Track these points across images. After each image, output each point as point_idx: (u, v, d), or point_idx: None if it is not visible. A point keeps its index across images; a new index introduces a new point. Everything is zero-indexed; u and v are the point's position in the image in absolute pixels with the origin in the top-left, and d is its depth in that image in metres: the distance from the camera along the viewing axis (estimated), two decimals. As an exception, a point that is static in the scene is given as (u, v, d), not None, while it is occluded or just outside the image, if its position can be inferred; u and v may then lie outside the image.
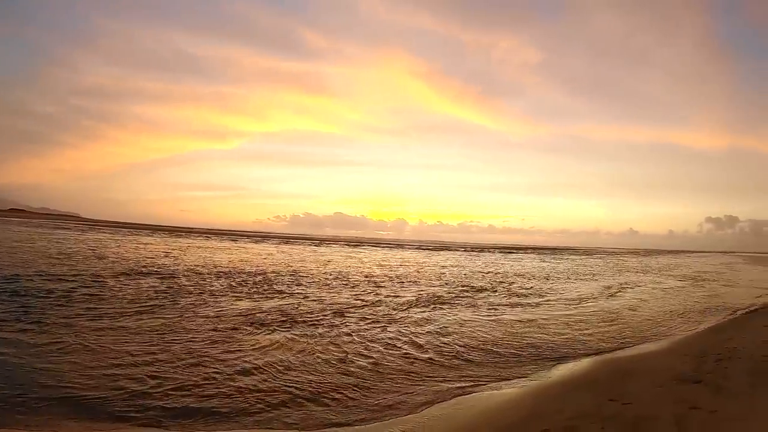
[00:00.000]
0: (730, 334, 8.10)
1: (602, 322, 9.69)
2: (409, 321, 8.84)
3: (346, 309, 9.69)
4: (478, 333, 8.03)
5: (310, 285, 13.56)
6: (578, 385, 5.08)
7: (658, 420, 3.65)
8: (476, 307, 11.03)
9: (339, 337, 7.20)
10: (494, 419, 4.03)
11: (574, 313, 10.85)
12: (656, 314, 11.14)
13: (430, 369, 5.83)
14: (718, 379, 4.92)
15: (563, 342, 7.68)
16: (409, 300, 11.57)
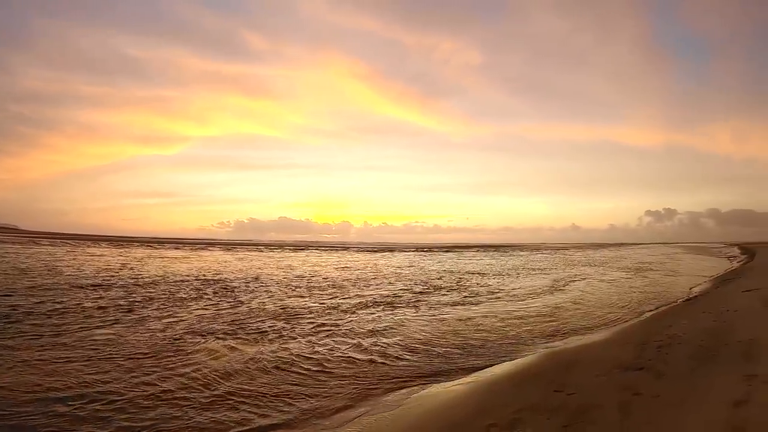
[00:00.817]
0: (671, 321, 8.55)
1: (549, 316, 10.40)
2: (362, 323, 9.32)
3: (299, 313, 10.29)
4: (430, 332, 8.52)
5: (264, 291, 14.24)
6: (524, 379, 5.42)
7: (602, 408, 3.94)
8: (430, 305, 11.79)
9: (288, 341, 7.60)
10: (442, 417, 4.28)
11: (523, 307, 11.68)
12: (601, 305, 12.04)
13: (378, 370, 6.15)
14: (659, 365, 5.34)
15: (512, 337, 8.21)
16: (364, 302, 12.27)
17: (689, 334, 7.00)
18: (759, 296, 9.81)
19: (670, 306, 11.71)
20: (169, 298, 11.96)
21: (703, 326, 7.50)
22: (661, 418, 3.70)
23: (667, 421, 3.63)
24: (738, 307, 8.82)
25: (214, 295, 12.90)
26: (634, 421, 3.67)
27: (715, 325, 7.39)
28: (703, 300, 11.71)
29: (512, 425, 3.84)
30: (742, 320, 7.38)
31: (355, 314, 10.42)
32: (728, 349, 5.70)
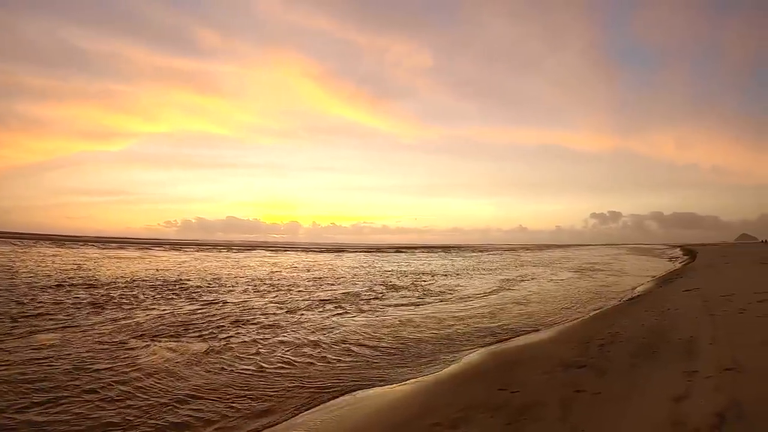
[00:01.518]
0: (614, 320, 9.03)
1: (497, 315, 11.12)
2: (314, 324, 9.74)
3: (253, 314, 10.74)
4: (380, 332, 8.97)
5: (221, 291, 14.88)
6: (469, 378, 5.73)
7: (545, 405, 4.20)
8: (386, 306, 12.47)
9: (236, 343, 7.92)
10: (386, 417, 4.50)
11: (473, 306, 12.52)
12: (547, 304, 12.94)
13: (325, 370, 6.44)
14: (601, 362, 5.70)
15: (459, 335, 8.75)
16: (320, 302, 12.98)
17: (631, 332, 7.45)
18: (699, 295, 10.61)
19: (613, 305, 12.50)
20: (124, 300, 12.39)
21: (645, 324, 8.00)
22: (602, 414, 3.92)
23: (608, 417, 3.84)
24: (679, 306, 9.48)
25: (170, 296, 13.40)
26: (575, 418, 3.87)
27: (657, 324, 7.88)
28: (646, 299, 12.54)
29: (456, 424, 4.03)
30: (683, 318, 7.92)
31: (308, 315, 10.90)
32: (669, 347, 6.12)
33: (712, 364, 4.85)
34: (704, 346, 5.72)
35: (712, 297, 9.94)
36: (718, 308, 8.27)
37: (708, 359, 5.09)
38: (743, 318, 7.04)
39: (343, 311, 11.59)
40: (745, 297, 9.09)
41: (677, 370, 4.89)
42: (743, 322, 6.77)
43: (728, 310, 7.85)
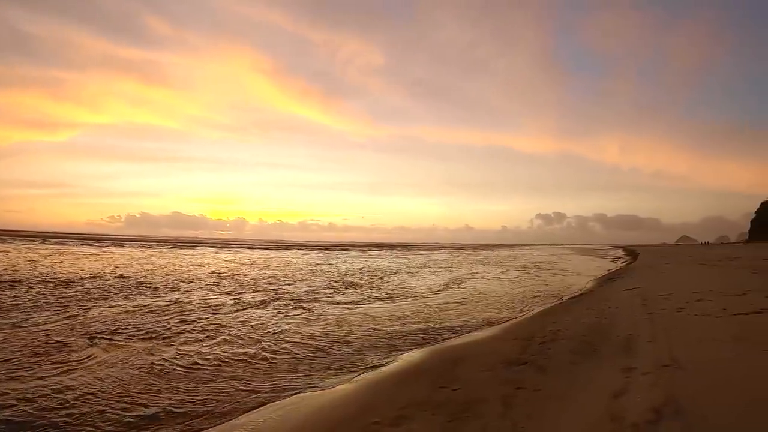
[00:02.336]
0: (555, 318, 9.53)
1: (443, 312, 11.77)
2: (257, 322, 10.03)
3: (196, 312, 11.02)
4: (325, 330, 9.34)
5: (176, 289, 15.30)
6: (410, 376, 6.00)
7: (485, 402, 4.48)
8: (330, 303, 13.09)
9: (181, 341, 8.11)
10: (327, 416, 4.71)
11: (420, 303, 13.28)
12: (492, 302, 13.72)
13: (268, 370, 6.63)
14: (542, 359, 6.06)
15: (404, 333, 9.16)
16: (262, 300, 13.39)
17: (572, 330, 7.92)
18: (639, 294, 11.44)
19: (556, 303, 13.29)
20: (75, 297, 12.67)
21: (586, 322, 8.52)
22: (541, 410, 4.20)
23: (547, 413, 4.12)
24: (619, 305, 10.18)
25: (124, 294, 13.76)
26: (515, 414, 4.12)
27: (597, 322, 8.41)
28: (587, 298, 13.35)
29: (396, 422, 4.25)
30: (623, 317, 8.51)
31: (256, 313, 11.26)
32: (609, 344, 6.57)
33: (650, 360, 5.27)
34: (643, 344, 6.19)
35: (652, 296, 10.75)
36: (657, 307, 8.95)
37: (646, 356, 5.52)
38: (681, 316, 7.67)
39: (291, 309, 11.93)
40: (683, 296, 9.91)
41: (616, 367, 5.27)
42: (681, 320, 7.38)
43: (667, 309, 8.52)
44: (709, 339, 5.93)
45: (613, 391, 4.39)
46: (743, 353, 5.09)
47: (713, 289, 10.53)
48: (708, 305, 8.40)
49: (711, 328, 6.52)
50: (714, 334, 6.18)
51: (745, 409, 3.56)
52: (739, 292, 9.59)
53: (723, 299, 8.90)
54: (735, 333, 6.03)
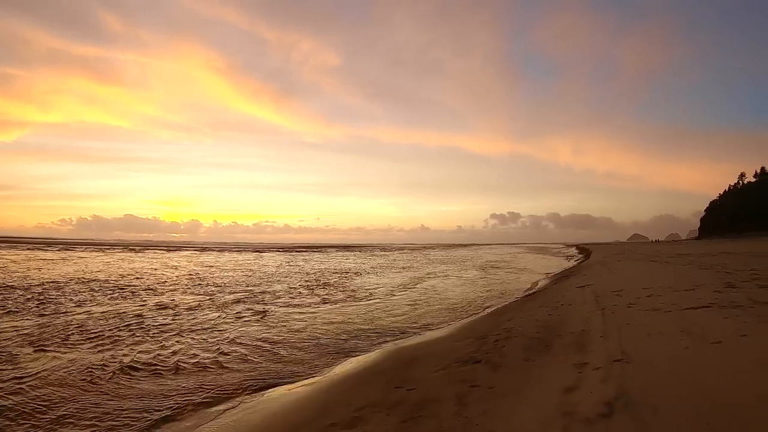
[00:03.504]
0: (510, 316, 9.79)
1: (402, 311, 12.40)
2: (215, 326, 10.34)
3: (155, 317, 11.20)
4: (283, 331, 9.71)
5: (134, 292, 15.74)
6: (367, 377, 6.23)
7: (440, 401, 4.64)
8: (288, 304, 13.59)
9: (134, 347, 8.22)
10: (284, 419, 4.88)
11: (379, 304, 13.94)
12: (449, 301, 14.48)
13: (221, 376, 6.74)
14: (496, 357, 6.27)
15: (362, 333, 9.63)
16: (223, 303, 13.81)
17: (526, 328, 8.14)
18: (591, 291, 11.88)
19: (510, 301, 13.80)
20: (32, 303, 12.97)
21: (540, 319, 8.79)
22: (495, 407, 4.33)
23: (501, 410, 4.23)
24: (572, 302, 10.52)
25: (84, 299, 14.01)
26: (470, 412, 4.27)
27: (550, 319, 8.68)
28: (541, 295, 13.80)
29: (352, 423, 4.40)
30: (576, 313, 8.80)
31: (211, 316, 11.59)
32: (561, 341, 6.78)
33: (602, 356, 5.46)
34: (595, 339, 6.41)
35: (604, 293, 11.18)
36: (608, 303, 9.30)
37: (598, 351, 5.71)
38: (632, 312, 7.99)
39: (253, 312, 12.27)
40: (634, 292, 10.34)
41: (568, 362, 5.46)
42: (632, 315, 7.68)
43: (618, 305, 8.87)
44: (658, 333, 6.20)
45: (565, 387, 4.53)
46: (691, 346, 5.35)
47: (663, 285, 11.04)
48: (658, 300, 8.79)
49: (660, 323, 6.82)
50: (663, 328, 6.46)
51: (692, 400, 3.74)
52: (688, 288, 10.09)
53: (672, 295, 9.34)
54: (684, 327, 6.32)
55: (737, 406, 3.51)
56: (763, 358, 4.58)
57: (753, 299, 7.79)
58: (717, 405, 3.59)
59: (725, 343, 5.31)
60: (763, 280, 10.38)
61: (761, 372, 4.19)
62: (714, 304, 7.74)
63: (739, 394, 3.73)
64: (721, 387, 3.94)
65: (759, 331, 5.66)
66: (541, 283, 18.98)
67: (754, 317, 6.40)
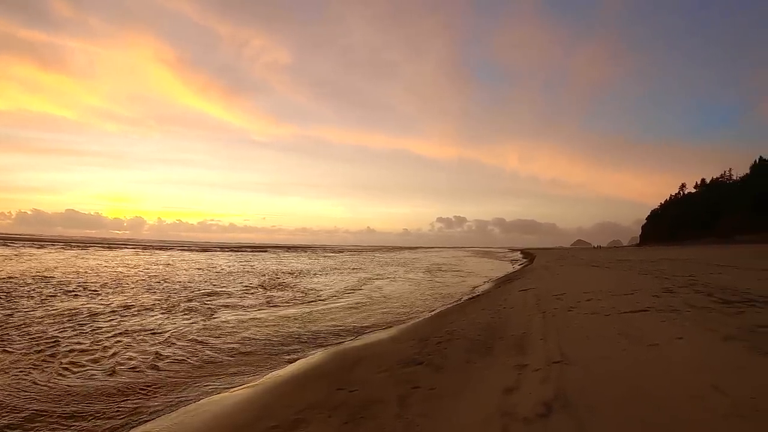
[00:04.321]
0: (453, 318, 9.92)
1: (348, 312, 12.57)
2: (161, 325, 10.30)
3: (93, 318, 10.95)
4: (228, 334, 9.63)
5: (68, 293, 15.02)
6: (309, 379, 6.28)
7: (382, 402, 4.75)
8: (239, 307, 13.38)
9: (67, 351, 7.95)
10: (226, 423, 4.86)
11: (325, 305, 14.04)
12: (394, 303, 14.67)
13: (161, 380, 6.61)
14: (438, 359, 6.37)
15: (307, 334, 9.68)
16: (173, 301, 13.82)
17: (468, 330, 8.27)
18: (534, 295, 12.20)
19: (454, 304, 13.97)
20: None
21: (482, 322, 8.95)
22: (436, 408, 4.43)
23: (441, 411, 4.33)
24: (514, 305, 10.78)
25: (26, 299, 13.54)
26: (411, 413, 4.37)
27: (492, 321, 8.85)
28: (485, 298, 14.08)
29: (294, 425, 4.45)
30: (517, 316, 9.01)
31: (152, 317, 11.34)
32: (502, 342, 6.92)
33: (542, 357, 5.61)
34: (535, 342, 6.57)
35: (545, 296, 11.50)
36: (549, 306, 9.57)
37: (538, 353, 5.87)
38: (572, 315, 8.24)
39: (197, 313, 12.16)
40: (574, 296, 10.69)
41: (509, 364, 5.59)
42: (572, 318, 7.93)
43: (559, 308, 9.14)
44: (597, 336, 6.41)
45: (505, 387, 4.64)
46: (628, 348, 5.55)
47: (603, 290, 11.47)
48: (597, 304, 9.11)
49: (599, 326, 7.06)
50: (602, 331, 6.69)
51: (628, 400, 3.87)
52: (627, 292, 10.51)
53: (612, 299, 9.71)
54: (622, 330, 6.56)
55: (672, 406, 3.67)
56: (697, 360, 4.82)
57: (689, 304, 8.19)
58: (652, 405, 3.73)
59: (662, 345, 5.55)
60: (700, 286, 10.95)
61: (695, 373, 4.40)
62: (652, 308, 8.08)
63: (673, 394, 3.90)
64: (656, 387, 4.11)
65: (694, 333, 5.95)
66: (485, 287, 19.38)
67: (690, 321, 6.74)
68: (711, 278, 12.80)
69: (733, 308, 7.42)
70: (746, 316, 6.76)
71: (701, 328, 6.24)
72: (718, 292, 9.61)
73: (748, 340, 5.35)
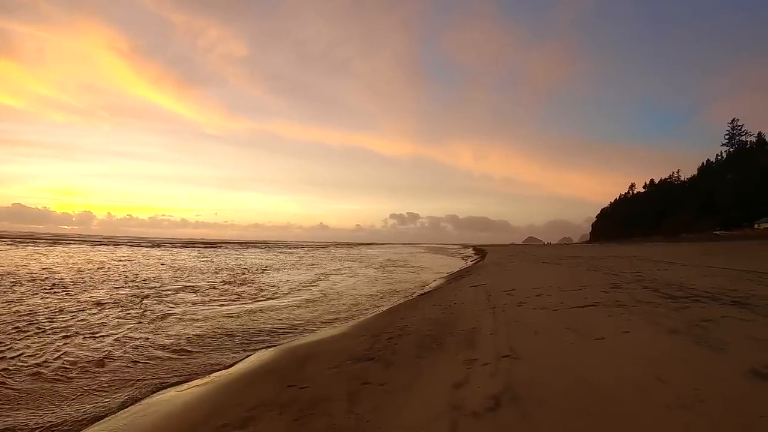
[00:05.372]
0: (404, 314, 9.99)
1: (302, 309, 12.67)
2: (111, 323, 10.13)
3: (45, 317, 10.61)
4: (182, 331, 9.56)
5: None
6: (260, 376, 6.28)
7: (332, 399, 4.81)
8: (191, 304, 13.21)
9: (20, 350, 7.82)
10: (176, 422, 4.85)
11: (279, 302, 14.01)
12: (349, 298, 14.90)
13: (110, 379, 6.55)
14: (389, 355, 6.44)
15: (260, 331, 9.67)
16: (126, 298, 13.51)
17: (419, 325, 8.37)
18: (484, 290, 12.48)
19: (406, 299, 14.11)
20: None
21: (433, 318, 9.06)
22: (386, 404, 4.49)
23: (391, 406, 4.39)
24: (465, 301, 10.98)
25: None
26: (361, 409, 4.42)
27: (443, 317, 8.98)
28: (436, 294, 14.26)
29: (245, 423, 4.47)
30: (468, 312, 9.18)
31: (100, 315, 11.07)
32: (453, 338, 7.04)
33: (491, 352, 5.75)
34: (485, 337, 6.73)
35: (496, 292, 11.77)
36: (499, 302, 9.80)
37: (487, 348, 6.01)
38: (521, 310, 8.46)
39: (149, 310, 11.95)
40: (524, 292, 10.97)
41: (459, 359, 5.70)
42: (521, 313, 8.15)
43: (509, 304, 9.37)
44: (545, 330, 6.62)
45: (455, 382, 4.74)
46: (576, 342, 5.76)
47: (553, 285, 11.83)
48: (546, 300, 9.39)
49: (548, 321, 7.29)
50: (550, 325, 6.91)
51: (575, 392, 4.02)
52: (576, 288, 10.88)
53: (561, 294, 10.03)
54: (569, 325, 6.79)
55: (617, 397, 3.84)
56: (642, 353, 5.07)
57: (636, 299, 8.57)
58: (599, 396, 3.89)
59: (608, 339, 5.78)
60: (647, 282, 11.47)
61: (640, 365, 4.63)
62: (599, 303, 8.40)
63: (619, 386, 4.10)
64: (602, 380, 4.30)
65: (640, 327, 6.23)
66: (437, 283, 19.61)
67: (636, 315, 7.05)
68: (658, 275, 13.43)
69: (679, 303, 7.82)
70: (691, 310, 7.13)
71: (647, 322, 6.54)
72: (664, 287, 10.09)
73: (692, 333, 5.65)
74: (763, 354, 4.65)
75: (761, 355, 4.63)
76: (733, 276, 11.92)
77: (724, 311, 6.93)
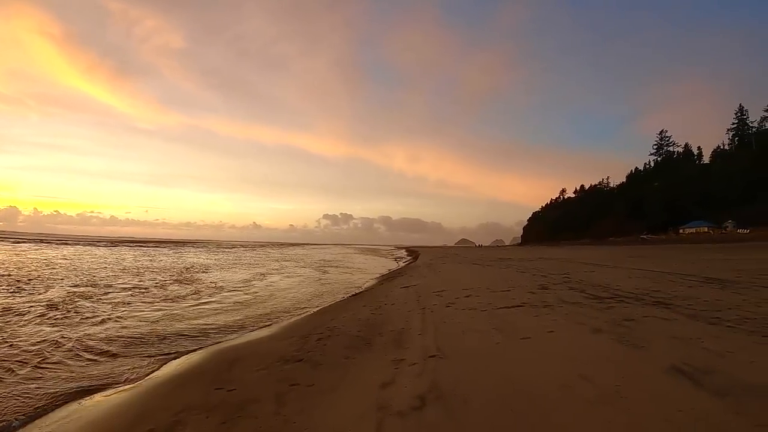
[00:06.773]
0: (334, 315, 10.04)
1: (232, 310, 12.47)
2: (31, 325, 9.70)
3: None
4: (111, 333, 9.21)
5: None
6: (187, 380, 6.21)
7: (260, 401, 4.83)
8: (124, 304, 12.87)
9: None
10: (101, 428, 4.78)
11: (211, 302, 13.84)
12: (281, 299, 14.76)
13: (32, 383, 6.33)
14: (317, 356, 6.49)
15: (190, 332, 9.48)
16: (53, 299, 12.87)
17: (349, 326, 8.43)
18: (415, 291, 12.71)
19: (337, 300, 14.21)
20: None
21: (362, 318, 9.16)
22: (313, 405, 4.55)
23: (318, 407, 4.45)
24: (395, 301, 11.14)
25: None
26: (288, 411, 4.47)
27: (373, 317, 9.09)
28: (367, 295, 14.42)
29: (171, 427, 4.43)
30: (397, 312, 9.33)
31: (37, 316, 10.67)
32: (381, 338, 7.15)
33: (419, 352, 5.90)
34: (413, 337, 6.88)
35: (426, 293, 12.02)
36: (429, 303, 10.02)
37: (415, 348, 6.15)
38: (450, 311, 8.69)
39: (74, 311, 11.43)
40: (454, 293, 11.27)
41: (387, 359, 5.81)
42: (450, 314, 8.36)
43: (438, 304, 9.60)
44: (473, 330, 6.84)
45: (382, 382, 4.84)
46: (502, 342, 5.98)
47: (482, 286, 12.20)
48: (475, 300, 9.68)
49: (476, 321, 7.53)
50: (478, 326, 7.14)
51: (500, 391, 4.21)
52: (504, 289, 11.27)
53: (490, 295, 10.36)
54: (496, 325, 7.05)
55: (542, 395, 4.04)
56: (566, 352, 5.35)
57: (562, 299, 8.98)
58: (523, 394, 4.08)
59: (534, 338, 6.05)
60: (574, 283, 12.04)
61: (564, 364, 4.88)
62: (526, 303, 8.75)
63: (544, 384, 4.31)
64: (527, 378, 4.51)
65: (564, 327, 6.54)
66: (368, 283, 19.78)
67: (561, 315, 7.40)
68: (585, 276, 14.11)
69: (603, 304, 8.27)
70: (614, 310, 7.56)
71: (572, 322, 6.88)
72: (590, 288, 10.63)
73: (615, 332, 6.01)
74: (684, 351, 5.02)
75: (682, 352, 4.99)
76: (656, 278, 12.70)
77: (647, 311, 7.40)
